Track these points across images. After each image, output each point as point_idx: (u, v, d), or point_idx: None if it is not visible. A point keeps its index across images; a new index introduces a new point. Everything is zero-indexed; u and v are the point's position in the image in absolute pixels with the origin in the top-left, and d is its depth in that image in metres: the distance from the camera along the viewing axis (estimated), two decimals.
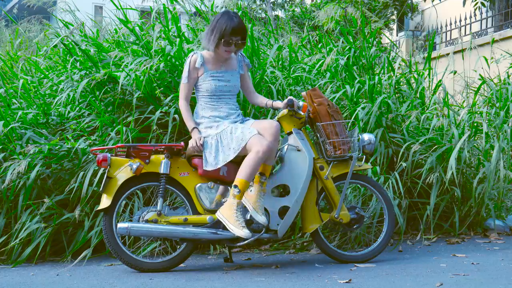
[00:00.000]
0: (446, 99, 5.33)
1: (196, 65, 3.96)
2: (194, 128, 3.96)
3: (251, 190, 3.82)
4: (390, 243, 4.68)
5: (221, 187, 3.95)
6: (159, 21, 5.61)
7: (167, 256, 3.95)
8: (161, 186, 3.89)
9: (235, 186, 3.75)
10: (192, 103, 4.59)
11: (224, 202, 3.89)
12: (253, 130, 3.83)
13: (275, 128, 3.87)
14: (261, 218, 3.78)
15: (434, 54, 6.67)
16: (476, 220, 5.10)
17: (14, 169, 4.17)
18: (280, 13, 16.91)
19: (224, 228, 3.88)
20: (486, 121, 5.24)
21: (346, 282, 3.52)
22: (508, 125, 5.15)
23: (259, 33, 6.42)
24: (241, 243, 3.90)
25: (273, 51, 5.47)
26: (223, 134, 3.88)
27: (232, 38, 3.91)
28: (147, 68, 4.74)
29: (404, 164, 4.83)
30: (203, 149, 3.90)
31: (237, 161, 3.99)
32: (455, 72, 5.83)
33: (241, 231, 3.69)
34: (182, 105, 4.02)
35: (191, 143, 3.92)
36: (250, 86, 4.21)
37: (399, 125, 5.17)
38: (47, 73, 5.51)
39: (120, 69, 4.93)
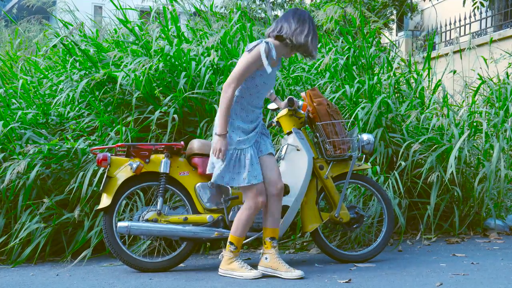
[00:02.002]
0: (446, 99, 5.34)
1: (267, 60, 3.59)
2: (225, 134, 3.61)
3: (266, 258, 3.71)
4: (390, 243, 4.68)
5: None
6: (158, 21, 5.61)
7: (167, 256, 3.95)
8: (161, 186, 3.89)
9: (231, 243, 3.70)
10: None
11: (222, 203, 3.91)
12: (260, 176, 3.64)
13: (280, 189, 3.71)
14: (295, 273, 3.64)
15: (433, 54, 6.68)
16: (476, 219, 5.11)
17: (14, 169, 4.17)
18: (279, 13, 16.91)
19: (224, 227, 3.89)
20: (486, 121, 5.24)
21: (346, 282, 3.52)
22: (507, 124, 5.15)
23: (258, 33, 6.41)
24: None
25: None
26: (236, 153, 3.64)
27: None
28: (146, 68, 4.74)
29: (403, 163, 4.83)
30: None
31: None
32: (454, 72, 5.84)
33: (251, 273, 3.64)
34: (230, 99, 3.59)
35: (215, 149, 3.62)
36: None
37: (399, 125, 5.17)
38: (46, 73, 5.52)
39: (120, 69, 4.94)
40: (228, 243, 3.73)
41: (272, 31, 3.71)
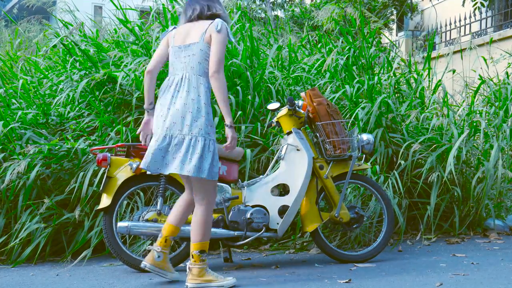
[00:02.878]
0: (446, 99, 5.34)
1: None
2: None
3: (158, 257, 3.52)
4: (390, 243, 4.68)
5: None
6: (158, 21, 5.61)
7: None
8: (161, 186, 3.89)
9: (201, 252, 3.39)
10: None
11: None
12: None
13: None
14: (174, 275, 3.60)
15: (433, 54, 6.69)
16: (476, 220, 5.11)
17: (14, 169, 4.17)
18: (279, 13, 16.91)
19: (224, 227, 3.89)
20: (486, 121, 5.24)
21: (346, 282, 3.52)
22: (507, 124, 5.15)
23: (258, 33, 6.42)
24: (241, 242, 3.91)
25: (272, 51, 5.47)
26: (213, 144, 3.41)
27: None
28: (146, 68, 4.74)
29: (403, 163, 4.83)
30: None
31: (236, 161, 4.00)
32: (454, 71, 5.84)
33: (228, 281, 3.45)
34: (225, 84, 3.38)
35: (231, 143, 3.43)
36: None
37: (399, 125, 5.17)
38: (46, 73, 5.51)
39: (120, 69, 4.94)
40: (195, 254, 3.40)
41: (200, 13, 3.49)
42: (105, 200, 3.84)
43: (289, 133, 4.08)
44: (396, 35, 15.64)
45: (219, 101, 3.35)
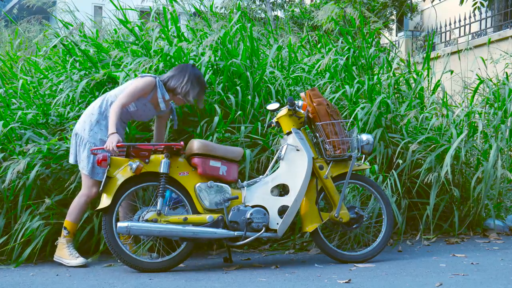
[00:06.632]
0: (445, 99, 5.34)
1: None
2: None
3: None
4: (390, 243, 4.68)
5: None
6: (158, 21, 5.61)
7: (166, 256, 3.96)
8: (160, 186, 3.90)
9: (65, 228, 4.09)
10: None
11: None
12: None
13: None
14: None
15: (433, 54, 6.67)
16: (476, 220, 5.11)
17: (14, 169, 4.17)
18: (279, 13, 16.90)
19: (224, 227, 3.89)
20: (485, 121, 5.24)
21: (346, 282, 3.52)
22: (506, 125, 5.15)
23: (258, 33, 6.41)
24: (241, 242, 3.92)
25: (272, 51, 5.47)
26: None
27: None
28: (146, 68, 4.75)
29: (401, 161, 4.83)
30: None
31: (236, 161, 4.02)
32: (451, 72, 5.83)
33: (75, 261, 4.07)
34: None
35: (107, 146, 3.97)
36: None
37: (399, 125, 5.17)
38: (46, 73, 5.51)
39: (120, 69, 4.94)
40: (63, 228, 4.08)
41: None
42: (105, 200, 3.84)
43: (288, 133, 4.08)
44: (396, 36, 15.64)
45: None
